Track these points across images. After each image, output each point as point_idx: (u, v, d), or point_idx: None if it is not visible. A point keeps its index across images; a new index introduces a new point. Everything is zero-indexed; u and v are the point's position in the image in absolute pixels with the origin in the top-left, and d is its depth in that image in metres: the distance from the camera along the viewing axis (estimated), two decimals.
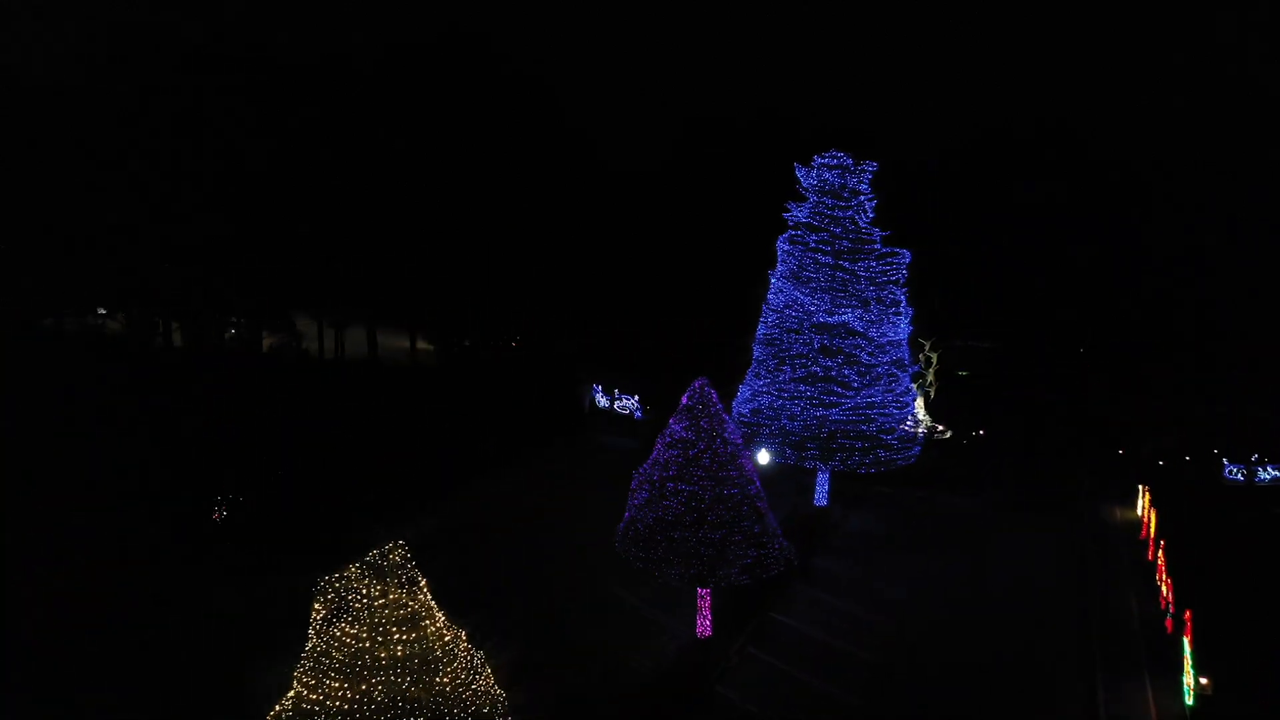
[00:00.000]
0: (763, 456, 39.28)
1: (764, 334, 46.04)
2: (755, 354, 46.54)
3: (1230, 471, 51.97)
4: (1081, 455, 58.48)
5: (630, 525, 32.35)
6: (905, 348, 46.18)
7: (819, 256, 44.30)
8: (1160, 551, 39.11)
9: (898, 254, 45.21)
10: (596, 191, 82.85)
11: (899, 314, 45.21)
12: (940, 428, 62.21)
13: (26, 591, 35.03)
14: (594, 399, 64.90)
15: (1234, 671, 31.42)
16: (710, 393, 31.96)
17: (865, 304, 44.23)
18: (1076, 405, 71.65)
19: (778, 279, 45.91)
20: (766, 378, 45.24)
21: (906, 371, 45.83)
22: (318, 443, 53.09)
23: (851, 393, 43.74)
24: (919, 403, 62.59)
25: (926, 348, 63.55)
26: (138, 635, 32.67)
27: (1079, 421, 67.59)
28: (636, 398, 63.08)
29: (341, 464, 50.60)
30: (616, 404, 63.59)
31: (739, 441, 32.38)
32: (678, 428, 31.78)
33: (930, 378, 63.04)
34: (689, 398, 31.94)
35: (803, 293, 44.44)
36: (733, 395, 47.06)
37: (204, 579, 37.05)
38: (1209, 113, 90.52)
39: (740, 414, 46.28)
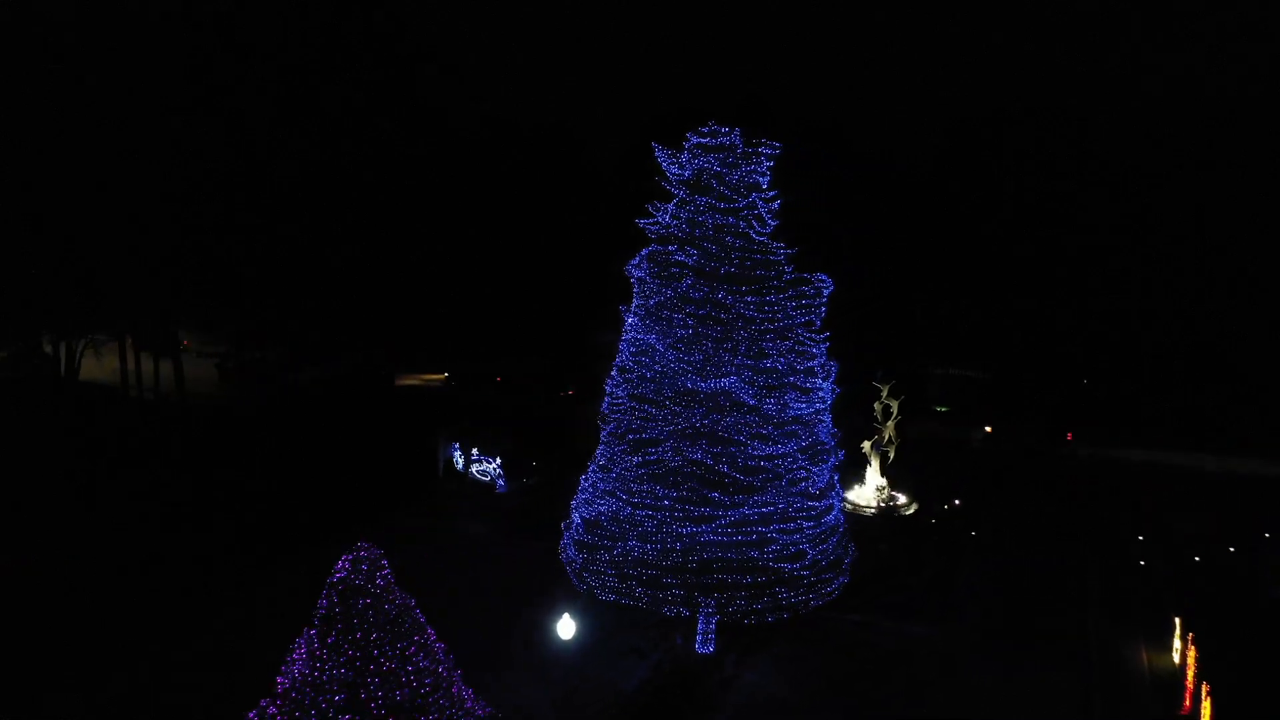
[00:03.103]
0: (565, 627, 23.62)
1: (610, 404, 30.27)
2: (601, 434, 30.81)
3: None
4: (1088, 544, 42.73)
5: None
6: (825, 424, 30.24)
7: (688, 287, 28.47)
8: None
9: (812, 281, 29.41)
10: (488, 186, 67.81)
11: (815, 374, 29.39)
12: (901, 500, 46.44)
13: None
14: (451, 458, 49.21)
15: None
16: (378, 578, 16.29)
17: (759, 360, 28.39)
18: (1080, 459, 55.93)
19: (632, 317, 30.16)
20: (612, 471, 29.52)
21: (827, 463, 29.96)
22: None
23: (738, 499, 27.95)
24: (873, 466, 46.87)
25: (884, 392, 47.72)
26: None
27: (1082, 483, 51.84)
28: (498, 460, 47.30)
29: None
30: (475, 468, 47.80)
31: (441, 665, 16.70)
32: (303, 656, 16.10)
33: (888, 433, 47.17)
34: (330, 592, 16.24)
35: (664, 343, 28.61)
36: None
37: None
38: (1226, 111, 77.21)
39: (575, 523, 30.57)
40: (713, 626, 31.35)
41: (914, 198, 79.47)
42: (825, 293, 29.51)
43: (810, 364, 28.85)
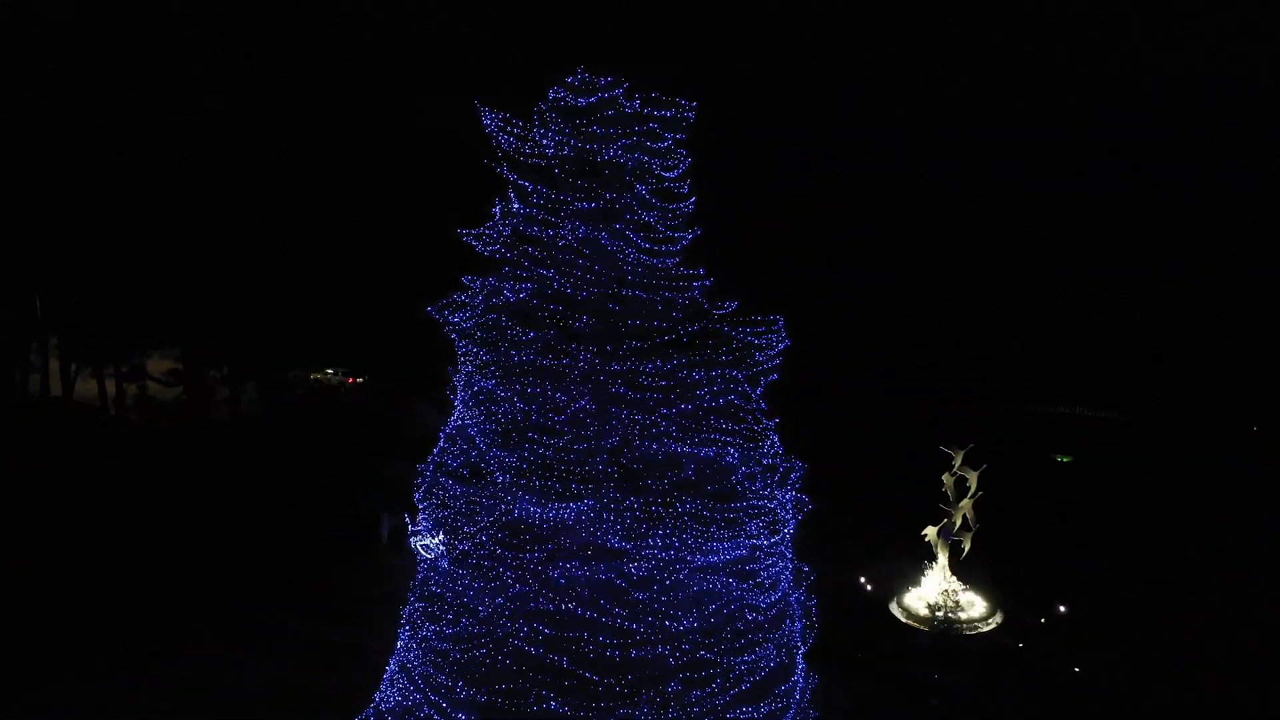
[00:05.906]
0: None
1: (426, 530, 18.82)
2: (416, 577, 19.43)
3: None
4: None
5: None
6: (779, 567, 17.97)
7: (528, 352, 16.82)
8: None
9: (747, 332, 17.24)
10: None
11: (755, 502, 17.06)
12: (978, 609, 32.93)
13: None
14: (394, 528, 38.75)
15: None
16: None
17: (645, 469, 16.46)
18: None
19: (456, 390, 18.63)
20: (414, 641, 18.16)
21: (781, 636, 17.59)
22: None
23: (599, 711, 16.14)
24: (940, 562, 33.66)
25: (956, 460, 34.27)
26: None
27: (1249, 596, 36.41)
28: (442, 535, 36.33)
29: None
30: (414, 540, 37.01)
31: None
32: None
33: (962, 515, 33.77)
34: None
35: (486, 436, 17.05)
36: None
37: None
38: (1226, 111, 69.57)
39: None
40: None
41: (914, 198, 69.95)
42: (776, 347, 17.26)
43: (738, 474, 16.64)
